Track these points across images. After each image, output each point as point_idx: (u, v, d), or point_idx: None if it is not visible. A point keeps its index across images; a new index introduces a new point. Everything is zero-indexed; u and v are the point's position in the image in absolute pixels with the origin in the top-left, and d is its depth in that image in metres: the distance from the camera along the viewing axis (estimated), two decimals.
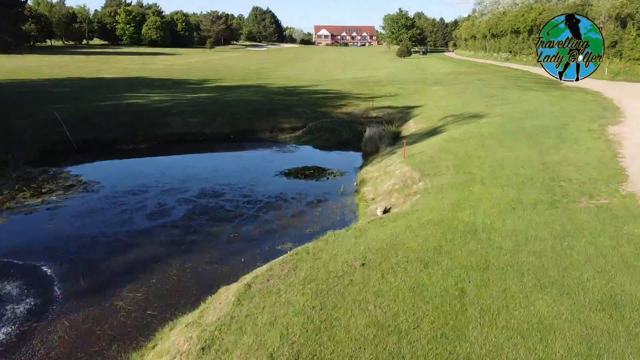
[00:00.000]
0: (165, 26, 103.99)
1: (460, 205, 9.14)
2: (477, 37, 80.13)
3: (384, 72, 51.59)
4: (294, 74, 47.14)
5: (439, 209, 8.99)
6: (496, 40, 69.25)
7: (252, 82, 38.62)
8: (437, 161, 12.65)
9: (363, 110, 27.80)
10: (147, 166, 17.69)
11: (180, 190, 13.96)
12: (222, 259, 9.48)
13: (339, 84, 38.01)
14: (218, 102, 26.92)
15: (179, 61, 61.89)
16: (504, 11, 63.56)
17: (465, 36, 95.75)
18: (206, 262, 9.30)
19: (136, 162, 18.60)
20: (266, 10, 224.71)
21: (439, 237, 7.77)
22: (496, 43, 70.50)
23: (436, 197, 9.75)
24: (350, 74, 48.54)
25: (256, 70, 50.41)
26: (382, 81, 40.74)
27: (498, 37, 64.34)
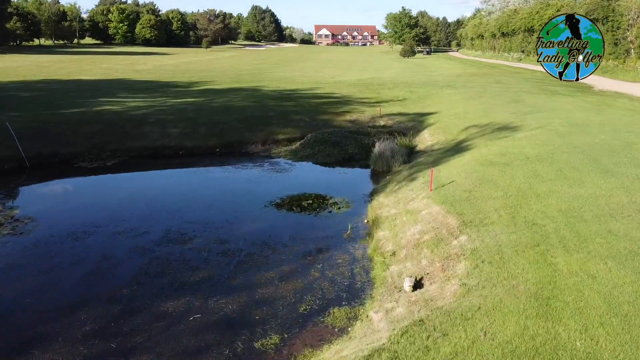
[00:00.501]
0: (159, 25, 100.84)
1: (550, 304, 5.75)
2: (485, 37, 76.98)
3: (389, 74, 48.38)
4: (292, 75, 43.95)
5: (515, 310, 5.60)
6: (507, 39, 66.06)
7: (245, 84, 35.42)
8: (479, 200, 9.41)
9: (369, 117, 24.59)
10: (106, 192, 14.45)
11: (138, 231, 10.75)
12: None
13: (341, 87, 34.80)
14: (204, 109, 23.69)
15: (171, 61, 58.70)
16: (515, 9, 60.41)
17: (472, 35, 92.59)
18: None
19: (94, 186, 15.36)
20: (266, 9, 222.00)
21: None
22: (506, 42, 67.30)
23: (499, 277, 6.35)
24: (353, 76, 45.33)
25: (251, 71, 47.21)
26: (387, 83, 37.54)
27: (509, 36, 61.20)
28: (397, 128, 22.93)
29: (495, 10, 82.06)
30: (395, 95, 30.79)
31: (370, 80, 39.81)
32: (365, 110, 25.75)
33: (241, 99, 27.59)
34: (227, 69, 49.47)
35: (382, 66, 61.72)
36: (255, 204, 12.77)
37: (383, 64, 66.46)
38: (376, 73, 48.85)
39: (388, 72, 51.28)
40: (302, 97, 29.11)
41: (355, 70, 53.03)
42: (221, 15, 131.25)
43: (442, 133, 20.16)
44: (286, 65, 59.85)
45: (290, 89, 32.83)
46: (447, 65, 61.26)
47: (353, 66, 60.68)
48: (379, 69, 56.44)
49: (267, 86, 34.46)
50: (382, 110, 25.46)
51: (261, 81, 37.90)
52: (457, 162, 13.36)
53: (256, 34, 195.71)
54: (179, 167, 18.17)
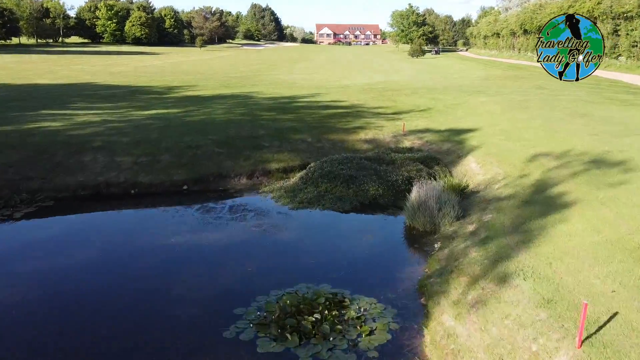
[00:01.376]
0: (151, 23, 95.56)
1: None
2: (503, 35, 71.52)
3: (401, 76, 42.94)
4: (292, 79, 38.56)
5: None
6: (530, 37, 60.24)
7: (235, 89, 30.06)
8: None
9: (390, 136, 19.18)
10: None
11: None
12: None
13: (350, 93, 29.41)
14: (174, 126, 18.27)
15: (156, 62, 53.34)
16: (540, 3, 54.99)
17: (486, 33, 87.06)
18: None
19: None
20: (265, 8, 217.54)
21: None
22: (529, 41, 61.77)
23: None
24: (361, 79, 39.91)
25: (245, 74, 41.83)
26: (404, 89, 32.13)
27: (533, 34, 55.76)
28: (428, 151, 17.53)
29: (512, 7, 76.48)
30: (416, 104, 25.39)
31: (383, 85, 34.39)
32: (383, 125, 20.33)
33: (226, 110, 22.17)
34: (218, 71, 44.06)
35: (391, 67, 56.26)
36: (217, 321, 7.30)
37: (392, 65, 61.02)
38: (387, 75, 43.40)
39: (400, 74, 45.84)
40: (303, 107, 23.70)
41: (363, 72, 47.59)
42: (218, 13, 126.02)
43: (496, 163, 14.70)
44: (285, 66, 54.44)
45: (289, 96, 27.44)
46: (463, 67, 55.79)
47: (359, 67, 55.25)
48: (389, 70, 50.99)
49: (262, 92, 29.06)
50: (406, 124, 20.04)
51: (255, 85, 32.51)
52: (571, 240, 7.89)
53: (255, 33, 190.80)
54: (120, 220, 12.75)
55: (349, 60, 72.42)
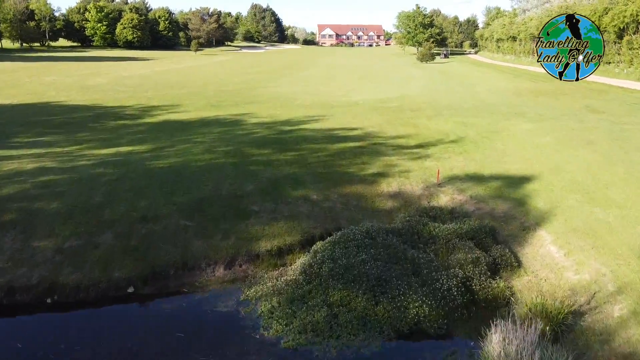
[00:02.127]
0: (143, 25, 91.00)
1: None
2: (520, 39, 66.80)
3: (415, 88, 38.28)
4: (292, 93, 33.95)
5: None
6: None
7: (224, 110, 25.53)
8: None
9: (421, 187, 14.62)
10: None
11: None
12: None
13: (360, 114, 24.86)
14: (132, 177, 13.68)
15: (142, 70, 48.74)
16: (566, 5, 50.33)
17: (500, 36, 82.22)
18: None
19: None
20: (266, 8, 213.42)
21: None
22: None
23: None
24: (371, 92, 35.28)
25: (239, 86, 37.23)
26: (423, 107, 27.56)
27: None
28: (477, 215, 12.90)
29: (530, 8, 71.67)
30: (443, 132, 20.81)
31: (397, 102, 29.76)
32: (409, 168, 15.75)
33: (208, 146, 17.56)
34: (209, 82, 39.44)
35: (402, 75, 51.55)
36: None
37: (402, 72, 56.31)
38: (399, 87, 38.73)
39: (413, 85, 41.16)
40: (305, 140, 19.08)
41: (372, 82, 42.91)
42: (215, 14, 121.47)
43: (591, 249, 10.17)
44: (285, 74, 49.77)
45: (288, 121, 22.85)
46: (483, 75, 51.03)
47: (367, 75, 50.55)
48: (400, 80, 46.27)
49: (255, 115, 24.48)
50: (439, 167, 15.42)
51: (248, 104, 27.91)
52: None
53: (255, 35, 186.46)
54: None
55: (355, 66, 67.75)
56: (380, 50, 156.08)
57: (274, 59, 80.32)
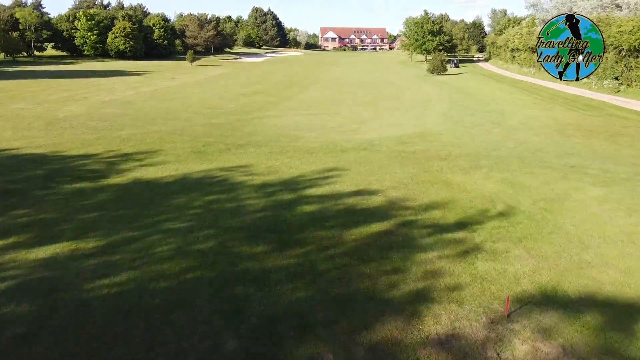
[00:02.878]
0: (136, 34, 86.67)
1: None
2: None
3: (437, 117, 33.77)
4: (293, 128, 29.46)
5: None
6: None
7: (210, 163, 21.04)
8: None
9: (482, 324, 10.16)
10: None
11: None
12: None
13: (379, 166, 20.46)
14: (50, 329, 9.09)
15: (126, 92, 44.22)
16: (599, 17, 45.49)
17: (516, 46, 77.61)
18: None
19: None
20: (267, 12, 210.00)
21: None
22: None
23: None
24: (386, 124, 30.81)
25: (233, 116, 32.71)
26: (454, 152, 23.12)
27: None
28: None
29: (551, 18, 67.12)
30: (487, 198, 16.37)
31: (421, 142, 25.29)
32: (459, 279, 11.35)
33: (179, 243, 12.97)
34: (199, 111, 34.91)
35: (416, 96, 46.98)
36: None
37: (415, 90, 51.71)
38: (418, 117, 34.19)
39: (433, 111, 36.60)
40: (312, 222, 14.51)
41: (384, 108, 38.33)
42: (214, 20, 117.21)
43: None
44: (286, 96, 45.23)
45: (290, 182, 18.30)
46: (508, 96, 46.30)
47: (377, 97, 45.98)
48: (416, 103, 41.71)
49: (250, 169, 19.96)
50: (500, 281, 10.90)
51: (242, 149, 23.43)
52: None
53: (256, 40, 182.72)
54: None
55: (362, 82, 63.19)
56: (386, 56, 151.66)
57: (274, 71, 75.84)
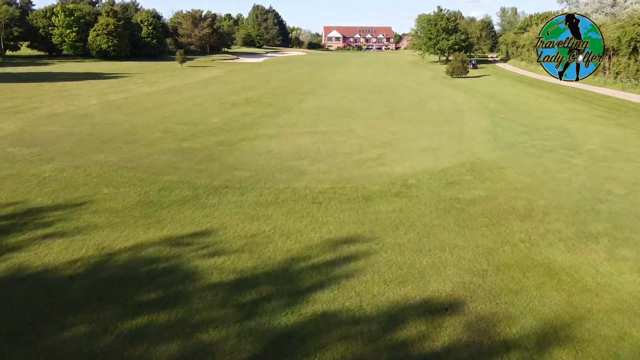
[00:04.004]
0: (121, 32, 79.23)
1: None
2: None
3: (482, 138, 26.21)
4: (293, 155, 21.93)
5: None
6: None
7: (155, 232, 13.51)
8: None
9: None
10: None
11: None
12: None
13: (428, 233, 12.79)
14: None
15: (89, 100, 36.70)
16: None
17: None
18: None
19: None
20: (269, 9, 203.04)
21: None
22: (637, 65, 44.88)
23: None
24: (417, 150, 23.24)
25: (213, 138, 25.13)
26: (536, 202, 15.55)
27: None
28: None
29: (589, 12, 59.33)
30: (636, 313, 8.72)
31: (477, 183, 17.69)
32: None
33: None
34: (172, 127, 27.33)
35: (443, 105, 39.39)
36: None
37: (439, 97, 44.09)
38: (457, 137, 26.62)
39: (473, 128, 29.02)
40: None
41: (409, 123, 30.76)
42: (209, 17, 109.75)
43: None
44: (284, 106, 37.65)
45: (288, 272, 10.60)
46: (555, 105, 38.63)
47: (396, 107, 38.37)
48: (446, 115, 34.15)
49: (220, 244, 12.34)
50: None
51: (218, 194, 15.85)
52: None
53: (256, 39, 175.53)
54: None
55: (375, 86, 55.59)
56: (394, 56, 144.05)
57: (273, 74, 68.25)
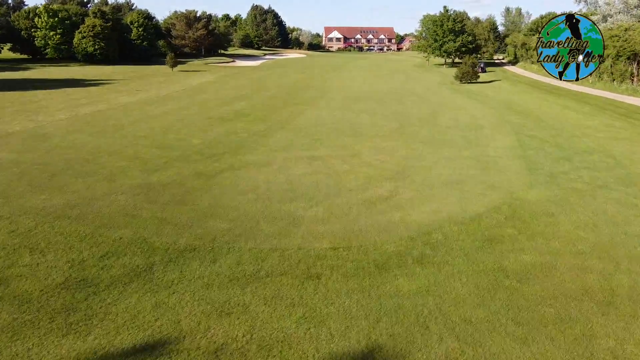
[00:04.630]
0: (109, 33, 75.19)
1: None
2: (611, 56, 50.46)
3: (513, 163, 22.06)
4: (287, 189, 17.92)
5: None
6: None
7: (104, 340, 9.26)
8: None
9: None
10: None
11: None
12: None
13: (476, 339, 8.52)
14: None
15: (58, 115, 32.55)
16: None
17: None
18: None
19: None
20: (268, 10, 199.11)
21: None
22: None
23: None
24: (445, 185, 19.18)
25: (190, 166, 21.03)
26: (619, 281, 11.32)
27: None
28: None
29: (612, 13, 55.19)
30: None
31: (523, 239, 13.60)
32: None
33: None
34: (143, 151, 23.21)
35: (460, 119, 35.34)
36: None
37: (453, 108, 40.02)
38: (485, 166, 22.52)
39: (500, 152, 24.90)
40: None
41: (426, 145, 26.67)
42: (204, 17, 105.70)
43: None
44: (279, 121, 33.59)
45: None
46: (587, 120, 34.49)
47: (408, 118, 34.31)
48: (466, 134, 30.06)
49: None
50: None
51: (178, 263, 11.68)
52: None
53: (255, 40, 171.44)
54: None
55: (380, 94, 51.55)
56: (397, 58, 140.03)
57: (270, 79, 64.15)
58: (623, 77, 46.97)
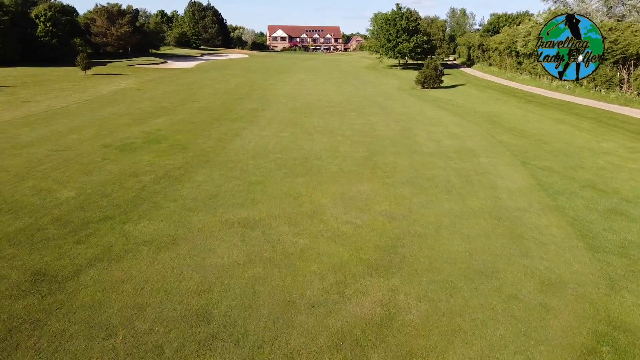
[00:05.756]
0: (5, 29, 63.11)
1: None
2: None
3: (556, 233, 14.86)
4: (198, 317, 9.41)
5: None
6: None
7: None
8: None
9: None
10: None
11: None
12: None
13: None
14: None
15: None
16: None
17: (528, 51, 60.97)
18: None
19: None
20: (207, 6, 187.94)
21: None
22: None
23: None
24: (475, 288, 11.46)
25: (34, 264, 12.22)
26: None
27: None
28: None
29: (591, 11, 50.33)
30: None
31: None
32: None
33: None
34: None
35: (444, 143, 28.19)
36: None
37: (429, 125, 32.88)
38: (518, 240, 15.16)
39: (508, 190, 17.68)
40: None
41: (409, 185, 19.10)
42: (130, 13, 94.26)
43: None
44: (209, 149, 25.18)
45: None
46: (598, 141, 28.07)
47: (375, 139, 26.71)
48: (456, 165, 22.91)
49: None
50: None
51: None
52: None
53: (192, 39, 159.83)
54: None
55: (336, 105, 43.87)
56: (345, 58, 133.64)
57: (203, 86, 54.93)
58: (609, 84, 41.80)
